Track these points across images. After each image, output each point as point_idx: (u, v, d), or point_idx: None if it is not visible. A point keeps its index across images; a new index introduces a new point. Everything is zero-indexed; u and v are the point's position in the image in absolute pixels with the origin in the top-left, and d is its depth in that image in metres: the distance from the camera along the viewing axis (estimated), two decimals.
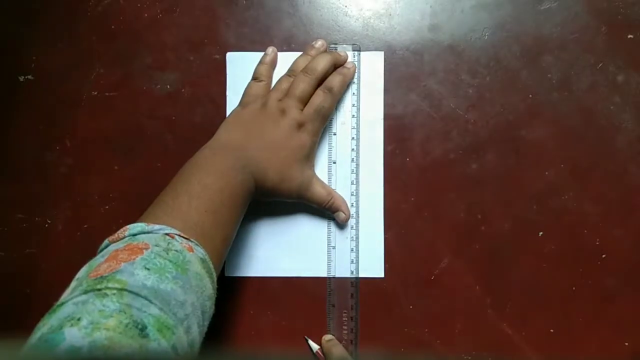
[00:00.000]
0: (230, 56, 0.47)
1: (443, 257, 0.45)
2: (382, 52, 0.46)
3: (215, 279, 0.35)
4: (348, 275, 0.45)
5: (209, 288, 0.33)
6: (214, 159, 0.40)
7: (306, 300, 0.45)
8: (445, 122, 0.46)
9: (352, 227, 0.45)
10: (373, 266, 0.45)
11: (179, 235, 0.33)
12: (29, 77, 0.47)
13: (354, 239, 0.45)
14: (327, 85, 0.44)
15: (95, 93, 0.47)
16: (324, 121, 0.44)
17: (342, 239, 0.45)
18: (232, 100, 0.46)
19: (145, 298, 0.28)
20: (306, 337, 0.45)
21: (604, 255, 0.45)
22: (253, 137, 0.42)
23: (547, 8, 0.46)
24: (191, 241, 0.33)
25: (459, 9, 0.46)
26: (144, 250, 0.31)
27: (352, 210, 0.45)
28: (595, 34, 0.46)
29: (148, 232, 0.33)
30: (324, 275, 0.45)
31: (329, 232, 0.46)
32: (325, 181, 0.46)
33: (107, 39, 0.47)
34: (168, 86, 0.47)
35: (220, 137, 0.42)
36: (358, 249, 0.45)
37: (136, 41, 0.47)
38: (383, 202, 0.45)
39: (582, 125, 0.45)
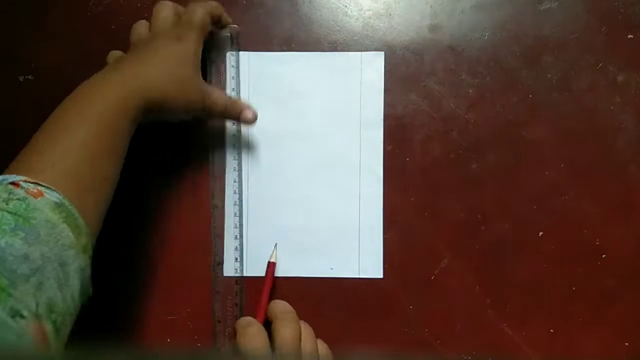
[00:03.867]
0: (230, 56, 0.47)
1: (443, 257, 0.45)
2: (382, 52, 0.46)
3: (81, 223, 0.31)
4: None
5: (66, 236, 0.30)
6: (87, 84, 0.36)
7: (308, 300, 0.45)
8: (445, 122, 0.46)
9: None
10: (373, 266, 0.45)
11: (26, 181, 0.30)
12: (29, 77, 0.47)
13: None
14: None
15: None
16: (201, 30, 0.41)
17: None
18: None
19: None
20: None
21: (604, 255, 0.45)
22: (138, 59, 0.39)
23: (547, 8, 0.46)
24: (41, 185, 0.30)
25: (459, 9, 0.46)
26: None
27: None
28: (595, 34, 0.46)
29: None
30: (327, 275, 0.45)
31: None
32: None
33: (107, 39, 0.47)
34: None
35: (103, 69, 0.39)
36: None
37: None
38: (383, 202, 0.46)
39: (582, 125, 0.45)
